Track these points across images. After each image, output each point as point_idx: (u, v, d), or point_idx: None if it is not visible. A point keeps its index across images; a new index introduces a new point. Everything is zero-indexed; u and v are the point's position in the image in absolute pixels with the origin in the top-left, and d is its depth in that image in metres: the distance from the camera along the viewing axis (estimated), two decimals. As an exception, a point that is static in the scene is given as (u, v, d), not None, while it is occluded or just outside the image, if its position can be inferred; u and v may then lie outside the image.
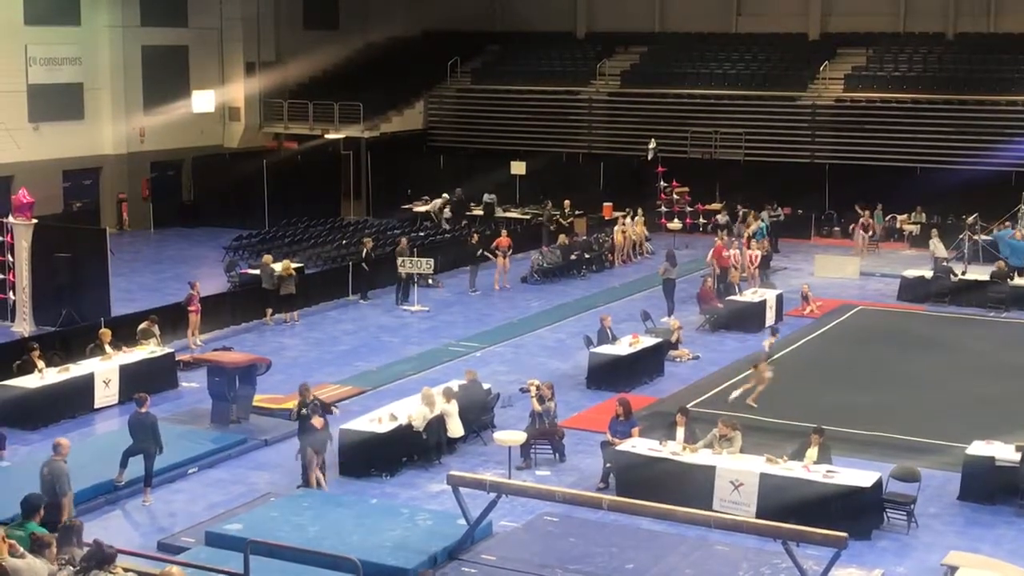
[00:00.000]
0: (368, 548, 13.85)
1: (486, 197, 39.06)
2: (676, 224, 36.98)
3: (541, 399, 18.21)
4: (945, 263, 30.38)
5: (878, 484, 15.64)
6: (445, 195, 38.70)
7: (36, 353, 20.35)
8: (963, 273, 29.71)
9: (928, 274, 29.79)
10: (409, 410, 18.10)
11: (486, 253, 30.65)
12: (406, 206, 39.74)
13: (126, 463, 16.22)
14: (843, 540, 12.89)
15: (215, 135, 41.99)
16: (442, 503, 15.99)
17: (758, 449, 16.61)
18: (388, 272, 29.11)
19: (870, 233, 35.12)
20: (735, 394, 20.45)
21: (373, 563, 13.08)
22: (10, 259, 25.50)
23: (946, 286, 29.22)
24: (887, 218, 36.55)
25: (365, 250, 29.49)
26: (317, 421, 16.51)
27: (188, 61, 40.71)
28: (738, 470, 15.84)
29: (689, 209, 37.52)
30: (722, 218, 35.14)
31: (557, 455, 18.01)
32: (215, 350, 22.47)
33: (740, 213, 35.47)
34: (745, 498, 15.63)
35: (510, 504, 15.55)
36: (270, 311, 26.64)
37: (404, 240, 30.19)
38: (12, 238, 25.41)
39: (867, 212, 35.60)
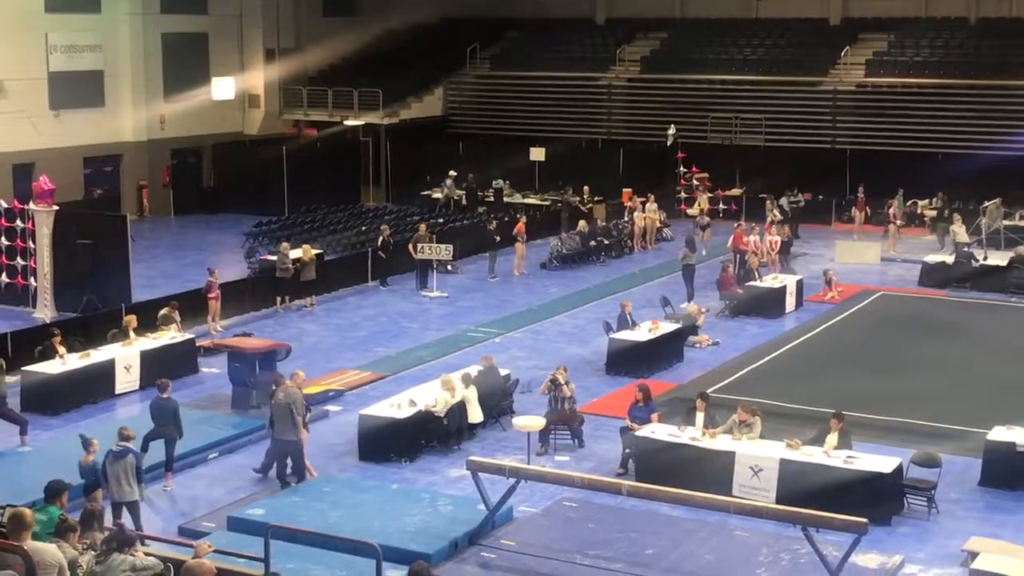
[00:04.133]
0: (389, 533, 13.91)
1: (495, 183, 39.04)
2: (696, 210, 36.85)
3: (555, 383, 18.17)
4: (966, 248, 30.24)
5: (898, 470, 15.59)
6: (452, 172, 38.67)
7: (57, 339, 20.46)
8: (984, 258, 29.56)
9: (949, 259, 29.67)
10: (428, 396, 18.13)
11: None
12: (425, 192, 39.76)
13: (147, 448, 16.29)
14: (863, 526, 12.87)
15: (235, 122, 42.06)
16: (462, 488, 16.02)
17: (778, 434, 16.58)
18: (407, 258, 29.12)
19: (899, 221, 34.82)
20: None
21: (394, 548, 13.12)
22: (31, 246, 25.62)
23: (967, 271, 29.10)
24: (908, 203, 36.36)
25: (382, 237, 29.52)
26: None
27: (208, 48, 40.79)
28: (758, 456, 15.82)
29: (710, 207, 37.07)
30: (770, 213, 34.29)
31: (576, 441, 18.01)
32: (235, 336, 22.55)
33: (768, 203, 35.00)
34: (765, 484, 15.61)
35: (529, 489, 15.57)
36: (279, 299, 26.67)
37: (423, 226, 30.21)
38: (33, 225, 25.52)
39: (894, 200, 35.28)
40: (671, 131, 38.39)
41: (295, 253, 27.48)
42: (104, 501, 13.81)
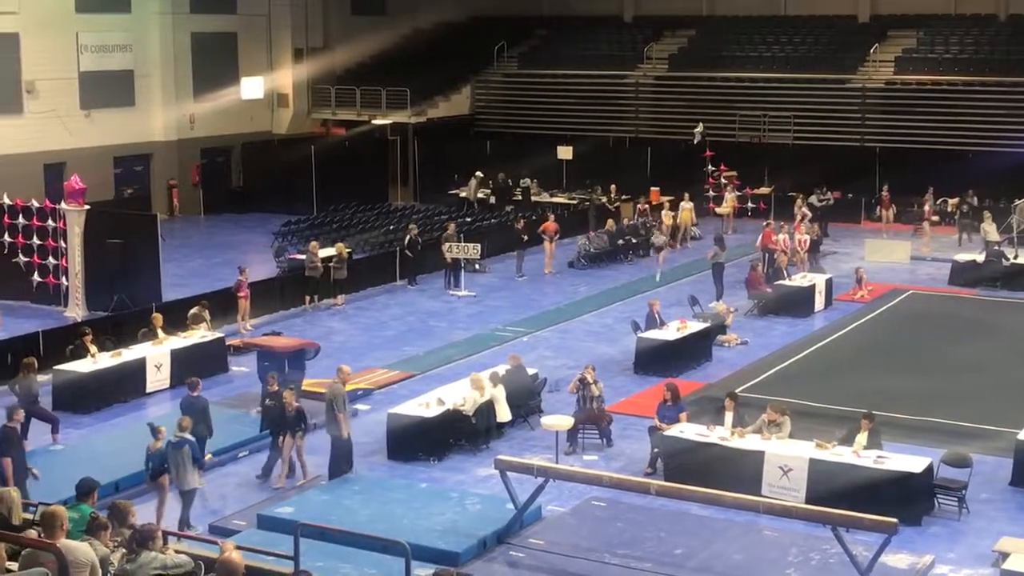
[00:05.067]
0: (418, 532, 13.94)
1: (523, 182, 39.06)
2: (724, 208, 36.73)
3: (583, 382, 18.17)
4: (997, 247, 30.04)
5: (929, 469, 15.51)
6: (478, 174, 38.72)
7: (89, 338, 20.58)
8: (1015, 257, 29.36)
9: (980, 258, 29.48)
10: (457, 395, 18.16)
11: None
12: (453, 191, 39.81)
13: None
14: (893, 526, 12.82)
15: (264, 121, 42.23)
16: (490, 487, 16.04)
17: (807, 434, 16.53)
18: (436, 257, 29.17)
19: (934, 218, 34.57)
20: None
21: (423, 547, 13.16)
22: (63, 245, 25.79)
23: (998, 270, 28.90)
24: (938, 202, 36.14)
25: (410, 236, 29.57)
26: (288, 395, 16.41)
27: (237, 48, 40.96)
28: (787, 455, 15.77)
29: (738, 206, 36.88)
30: (799, 212, 34.06)
31: (604, 440, 18.00)
32: (265, 335, 22.66)
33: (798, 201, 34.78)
34: (794, 483, 15.55)
35: (557, 489, 15.57)
36: (308, 297, 26.74)
37: (452, 225, 30.23)
38: (65, 224, 25.69)
39: (927, 199, 35.03)
40: (698, 129, 38.29)
41: (326, 252, 27.57)
42: (171, 487, 14.91)
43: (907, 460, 15.59)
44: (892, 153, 38.20)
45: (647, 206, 34.82)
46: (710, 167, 37.51)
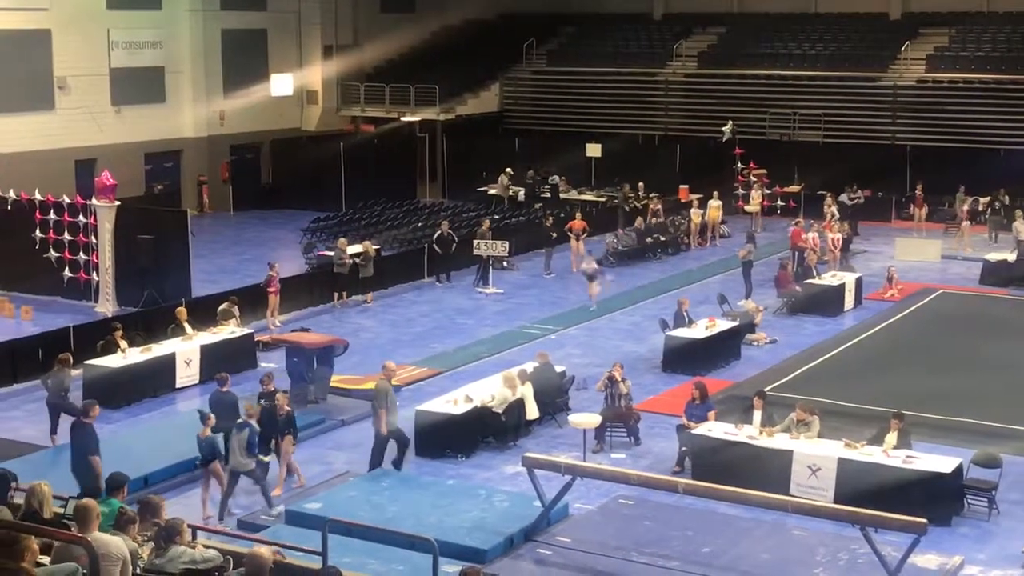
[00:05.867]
0: (445, 528, 13.95)
1: (551, 179, 39.04)
2: (753, 206, 36.60)
3: (612, 380, 18.16)
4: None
5: (958, 470, 15.42)
6: (508, 170, 38.71)
7: (119, 333, 20.69)
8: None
9: (1011, 257, 29.26)
10: (485, 392, 18.18)
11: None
12: (481, 188, 39.83)
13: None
14: (923, 526, 12.76)
15: (293, 118, 42.36)
16: (517, 484, 16.04)
17: (836, 434, 16.47)
18: (464, 254, 29.18)
19: (968, 218, 34.32)
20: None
21: (450, 543, 13.16)
22: (93, 241, 25.94)
23: (1030, 270, 28.71)
24: (970, 200, 35.89)
25: (440, 232, 29.59)
26: (282, 397, 16.33)
27: (267, 44, 41.09)
28: (816, 455, 15.71)
29: (767, 203, 36.89)
30: (829, 210, 33.90)
31: (632, 438, 17.98)
32: (293, 331, 22.70)
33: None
34: (822, 483, 15.50)
35: (585, 486, 15.55)
36: (337, 294, 26.82)
37: (486, 222, 30.18)
38: (96, 220, 25.83)
39: (966, 198, 34.81)
40: (727, 127, 38.16)
41: (354, 249, 27.65)
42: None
43: (937, 460, 15.50)
44: (923, 152, 37.97)
45: (659, 206, 34.62)
46: (739, 165, 37.38)
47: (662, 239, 33.17)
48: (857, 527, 13.15)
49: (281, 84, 40.85)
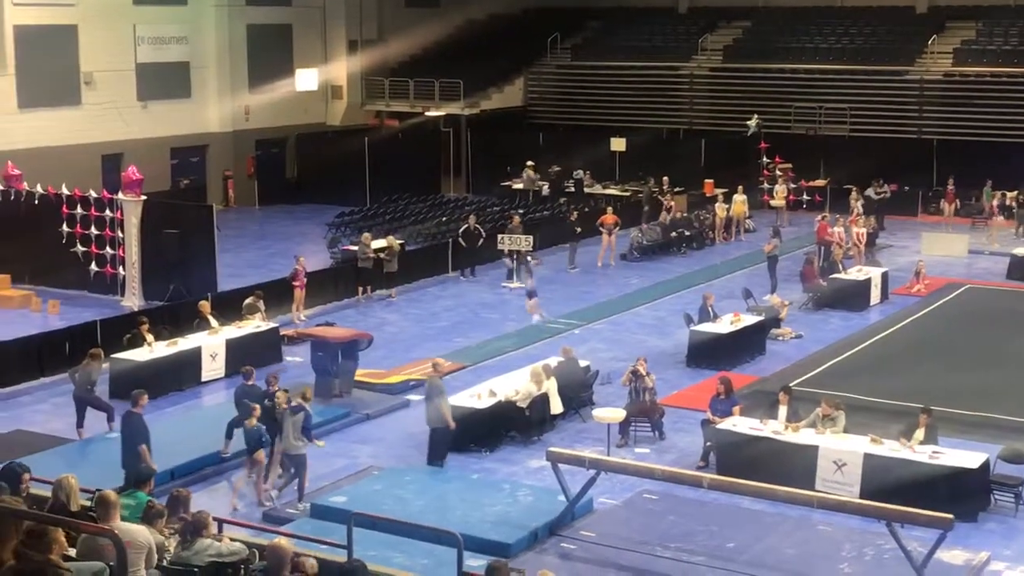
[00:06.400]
0: (470, 522, 13.96)
1: (575, 174, 38.98)
2: (778, 200, 36.45)
3: (636, 374, 18.15)
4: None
5: (985, 465, 15.35)
6: (530, 163, 38.72)
7: (145, 327, 20.78)
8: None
9: (1039, 252, 29.08)
10: (509, 386, 18.18)
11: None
12: (505, 183, 39.82)
13: (231, 434, 16.50)
14: (949, 522, 12.70)
15: (318, 113, 42.45)
16: (541, 479, 16.05)
17: (862, 429, 16.40)
18: (489, 249, 29.17)
19: (996, 212, 34.10)
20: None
21: (474, 537, 13.15)
22: (120, 235, 26.06)
23: (1059, 265, 28.51)
24: (998, 195, 35.66)
25: (466, 226, 29.59)
26: (282, 396, 16.16)
27: (292, 39, 41.17)
28: (841, 450, 15.65)
29: (793, 198, 36.71)
30: (855, 204, 33.60)
31: (657, 433, 17.95)
32: (318, 325, 22.78)
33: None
34: (848, 478, 15.44)
35: (609, 481, 15.53)
36: (361, 288, 26.87)
37: (516, 217, 30.14)
38: (122, 214, 25.96)
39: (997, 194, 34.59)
40: (752, 121, 38.03)
41: (378, 243, 27.69)
42: (272, 454, 15.58)
43: (963, 456, 15.43)
44: (950, 146, 37.75)
45: (672, 203, 34.44)
46: (764, 159, 37.25)
47: (687, 234, 33.08)
48: (883, 523, 13.11)
49: (306, 79, 40.93)
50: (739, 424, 16.65)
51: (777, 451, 15.95)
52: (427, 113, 42.58)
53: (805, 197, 37.71)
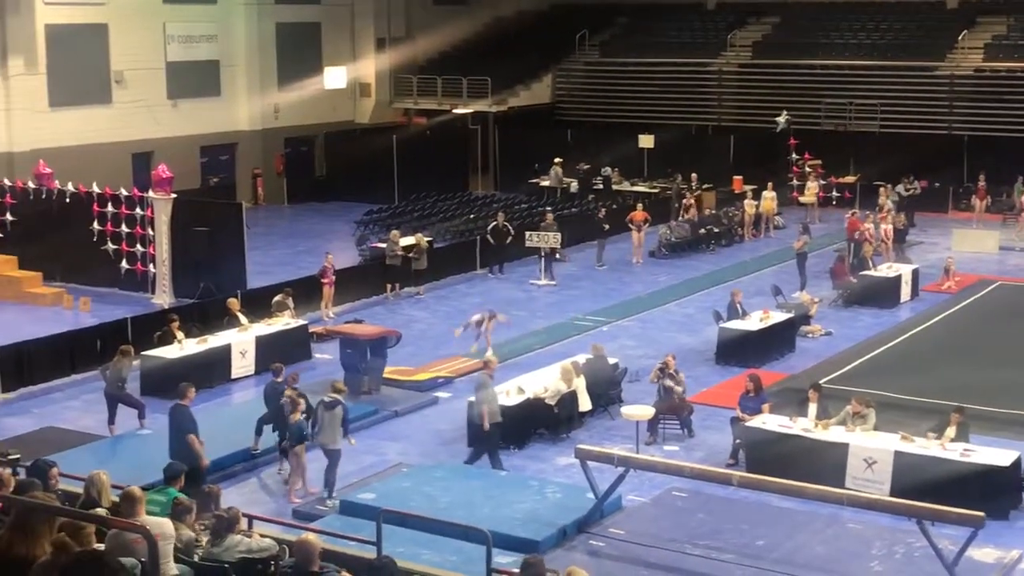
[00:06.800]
0: (498, 519, 13.95)
1: (603, 171, 38.92)
2: (808, 197, 36.27)
3: (663, 370, 18.12)
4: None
5: (1017, 463, 15.25)
6: (558, 159, 38.72)
7: (175, 324, 20.89)
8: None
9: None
10: (538, 383, 18.18)
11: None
12: (533, 180, 39.80)
13: (261, 431, 16.58)
14: (980, 520, 12.63)
15: (347, 111, 42.55)
16: (569, 476, 16.04)
17: (892, 426, 16.32)
18: (517, 246, 29.16)
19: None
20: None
21: (502, 534, 13.14)
22: (150, 233, 26.20)
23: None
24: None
25: (495, 223, 29.60)
26: (291, 393, 16.08)
27: (321, 38, 41.29)
28: (872, 448, 15.58)
29: (823, 195, 36.48)
30: (885, 200, 33.45)
31: (686, 430, 17.91)
32: (347, 322, 22.83)
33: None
34: (878, 476, 15.37)
35: (638, 479, 15.52)
36: (389, 286, 26.92)
37: (549, 215, 30.09)
38: (152, 212, 26.10)
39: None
40: (782, 117, 37.88)
41: (406, 241, 27.73)
42: (309, 452, 15.71)
43: (994, 453, 15.35)
44: (980, 142, 37.50)
45: (691, 201, 34.24)
46: (794, 155, 37.10)
47: (715, 231, 32.98)
48: (914, 520, 13.04)
49: (335, 77, 41.03)
50: (768, 422, 16.60)
51: (807, 449, 15.89)
52: (455, 111, 42.61)
53: (835, 194, 37.52)
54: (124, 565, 7.25)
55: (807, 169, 37.01)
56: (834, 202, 37.04)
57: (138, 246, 26.58)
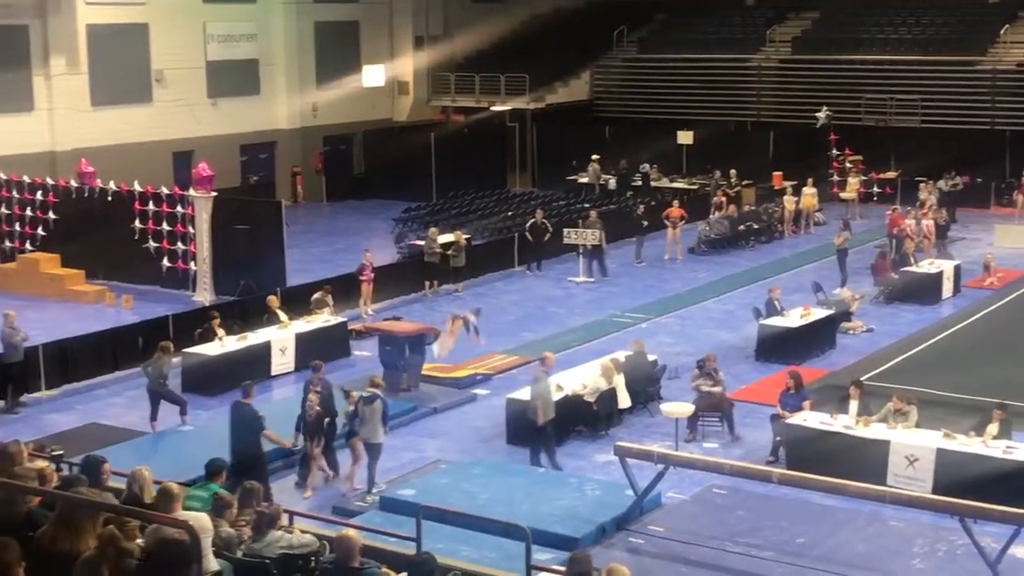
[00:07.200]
0: (537, 516, 13.94)
1: (642, 167, 38.83)
2: (848, 193, 36.04)
3: (701, 367, 18.06)
4: None
5: (1061, 461, 15.08)
6: (596, 156, 38.64)
7: (216, 322, 21.01)
8: None
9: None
10: (576, 380, 18.15)
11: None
12: (571, 177, 39.76)
13: (300, 427, 16.63)
14: (1023, 518, 12.48)
15: (385, 109, 42.66)
16: (608, 473, 16.00)
17: (934, 424, 16.18)
18: (555, 243, 29.13)
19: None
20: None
21: (541, 531, 13.14)
22: (191, 231, 26.38)
23: None
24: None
25: (533, 220, 29.57)
26: (314, 398, 16.14)
27: (359, 36, 41.43)
28: (913, 445, 15.47)
29: (863, 191, 36.30)
30: (927, 196, 33.26)
31: (727, 426, 17.82)
32: (386, 319, 22.89)
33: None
34: (920, 473, 15.25)
35: (677, 476, 15.48)
36: (427, 283, 26.97)
37: (594, 213, 29.99)
38: (193, 211, 26.28)
39: None
40: (822, 113, 37.65)
41: (445, 238, 27.77)
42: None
43: (1039, 451, 15.17)
44: (1023, 137, 37.08)
45: (724, 198, 33.92)
46: (834, 151, 36.87)
47: (755, 227, 32.82)
48: (956, 518, 12.94)
49: (373, 75, 41.16)
50: (809, 419, 16.51)
51: (848, 446, 15.79)
52: (493, 108, 42.62)
53: (876, 189, 37.26)
54: (204, 553, 7.31)
55: (847, 165, 36.76)
56: (875, 198, 36.79)
57: (179, 244, 26.76)
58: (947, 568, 13.29)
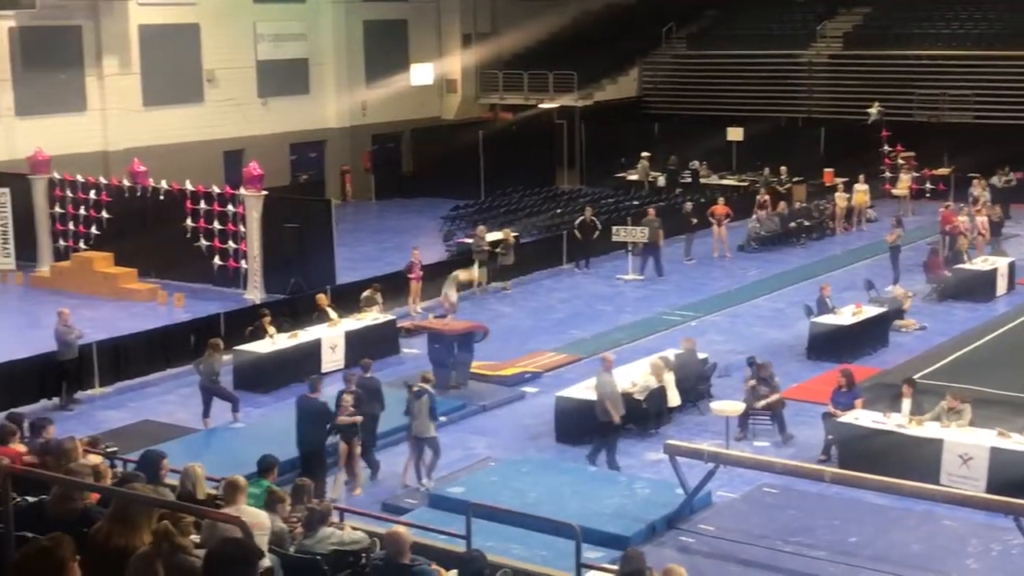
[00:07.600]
0: (587, 515, 13.91)
1: (691, 164, 38.64)
2: (900, 190, 35.68)
3: (752, 365, 17.99)
4: None
5: (1119, 461, 14.87)
6: (645, 153, 38.52)
7: (267, 319, 21.14)
8: None
9: None
10: (625, 378, 18.10)
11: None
12: (619, 174, 39.66)
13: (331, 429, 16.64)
14: (1081, 518, 12.32)
15: (433, 107, 42.75)
16: (658, 472, 15.95)
17: (989, 422, 15.99)
18: (604, 240, 29.06)
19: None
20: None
21: (592, 529, 13.11)
22: (242, 229, 26.56)
23: None
24: None
25: (582, 218, 29.52)
26: (348, 398, 16.03)
27: (407, 34, 41.55)
28: (967, 444, 15.30)
29: (915, 187, 35.94)
30: (980, 192, 32.88)
31: (778, 425, 17.70)
32: (435, 317, 22.93)
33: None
34: (974, 472, 15.08)
35: (728, 475, 15.40)
36: (476, 282, 26.95)
37: (652, 210, 29.82)
38: (243, 209, 26.45)
39: None
40: (874, 109, 37.29)
41: (493, 236, 27.77)
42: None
43: (1096, 451, 14.96)
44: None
45: (767, 197, 33.43)
46: (886, 147, 36.52)
47: (806, 224, 32.58)
48: (1011, 517, 12.78)
49: (421, 74, 41.26)
50: (861, 417, 16.37)
51: (901, 445, 15.65)
52: (541, 105, 42.58)
53: (928, 186, 36.87)
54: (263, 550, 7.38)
55: (900, 161, 36.39)
56: (927, 194, 36.40)
57: (230, 243, 26.95)
58: (1002, 567, 13.14)
